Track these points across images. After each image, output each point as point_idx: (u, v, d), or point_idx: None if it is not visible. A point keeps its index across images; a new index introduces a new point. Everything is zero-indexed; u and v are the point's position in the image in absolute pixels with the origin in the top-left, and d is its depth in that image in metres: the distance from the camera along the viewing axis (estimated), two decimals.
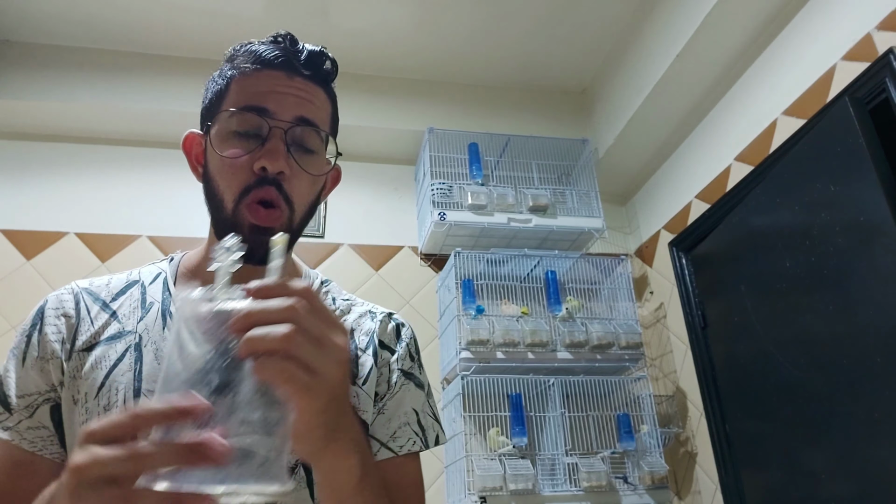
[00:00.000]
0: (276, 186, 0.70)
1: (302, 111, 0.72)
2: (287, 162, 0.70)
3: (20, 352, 0.72)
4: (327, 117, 0.77)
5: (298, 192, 0.72)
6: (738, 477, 1.99)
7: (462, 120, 2.62)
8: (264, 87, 0.72)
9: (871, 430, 1.50)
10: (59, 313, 0.74)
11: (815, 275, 1.69)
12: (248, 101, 0.71)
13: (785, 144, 1.89)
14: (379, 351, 0.81)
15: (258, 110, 0.71)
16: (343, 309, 0.84)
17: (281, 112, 0.71)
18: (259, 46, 0.74)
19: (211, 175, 0.73)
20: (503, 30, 2.49)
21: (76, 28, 2.38)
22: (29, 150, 2.41)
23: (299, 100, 0.73)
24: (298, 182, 0.72)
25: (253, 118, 0.71)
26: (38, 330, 0.73)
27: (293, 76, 0.73)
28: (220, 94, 0.75)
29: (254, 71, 0.73)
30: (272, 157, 0.69)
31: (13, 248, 2.23)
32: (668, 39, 2.18)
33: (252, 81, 0.73)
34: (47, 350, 0.71)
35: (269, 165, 0.69)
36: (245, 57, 0.74)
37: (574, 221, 2.37)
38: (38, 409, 0.69)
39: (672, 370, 2.39)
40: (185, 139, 0.80)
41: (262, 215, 0.69)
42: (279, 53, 0.73)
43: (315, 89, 0.75)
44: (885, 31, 1.61)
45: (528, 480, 1.94)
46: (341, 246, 2.47)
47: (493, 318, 2.15)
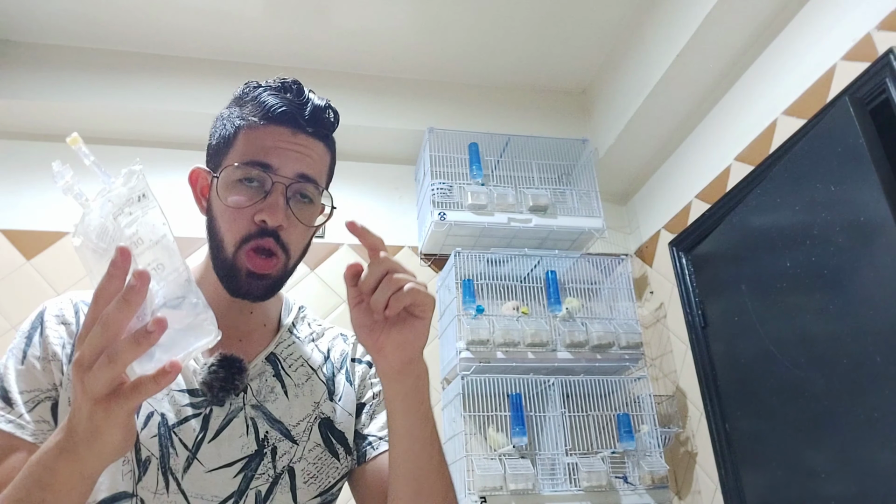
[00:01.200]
0: (274, 237, 0.76)
1: (302, 167, 0.78)
2: (286, 215, 0.76)
3: (20, 350, 0.74)
4: (325, 169, 0.83)
5: (294, 240, 0.79)
6: (738, 477, 1.99)
7: (462, 120, 2.62)
8: (269, 143, 0.77)
9: (871, 429, 1.50)
10: (59, 320, 0.77)
11: (815, 275, 1.69)
12: (254, 156, 0.76)
13: (785, 144, 1.89)
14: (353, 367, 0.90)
15: (262, 166, 0.76)
16: (318, 332, 0.92)
17: (283, 168, 0.76)
18: (267, 97, 0.79)
19: (214, 216, 0.79)
20: (503, 30, 2.49)
21: (76, 28, 2.38)
22: (29, 150, 2.41)
23: (300, 156, 0.78)
24: (295, 231, 0.78)
25: (258, 173, 0.76)
26: (38, 332, 0.75)
27: (297, 133, 0.78)
28: (228, 140, 0.80)
29: (261, 126, 0.78)
30: (273, 211, 0.75)
31: (13, 248, 2.23)
32: (668, 39, 2.18)
33: (258, 135, 0.78)
34: (48, 351, 0.73)
35: (270, 219, 0.75)
36: (253, 108, 0.79)
37: (574, 221, 2.37)
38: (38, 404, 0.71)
39: (672, 370, 2.39)
40: (190, 173, 0.84)
41: (259, 264, 0.76)
42: (285, 109, 0.78)
43: (316, 144, 0.80)
44: (885, 31, 1.61)
45: (528, 480, 1.94)
46: (341, 246, 2.47)
47: (493, 318, 2.15)
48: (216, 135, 0.82)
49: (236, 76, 2.50)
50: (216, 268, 0.79)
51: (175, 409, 0.74)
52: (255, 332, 0.84)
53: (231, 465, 0.74)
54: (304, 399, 0.82)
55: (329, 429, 0.83)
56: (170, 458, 0.72)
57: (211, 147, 0.83)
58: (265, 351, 0.83)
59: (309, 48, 2.52)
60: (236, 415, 0.76)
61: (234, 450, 0.75)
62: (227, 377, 0.75)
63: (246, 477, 0.75)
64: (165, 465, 0.71)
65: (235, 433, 0.76)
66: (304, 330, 0.91)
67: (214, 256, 0.79)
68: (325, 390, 0.85)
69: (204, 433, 0.74)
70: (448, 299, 2.26)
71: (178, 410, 0.74)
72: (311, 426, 0.81)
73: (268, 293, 0.79)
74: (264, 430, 0.77)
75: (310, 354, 0.87)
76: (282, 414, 0.79)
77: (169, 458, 0.72)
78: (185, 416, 0.74)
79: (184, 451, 0.73)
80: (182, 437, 0.73)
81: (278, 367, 0.83)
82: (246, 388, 0.78)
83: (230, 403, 0.77)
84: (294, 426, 0.79)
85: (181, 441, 0.73)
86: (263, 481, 0.75)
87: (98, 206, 0.52)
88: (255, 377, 0.80)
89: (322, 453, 0.81)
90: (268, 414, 0.78)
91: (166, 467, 0.71)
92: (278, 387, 0.81)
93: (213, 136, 0.83)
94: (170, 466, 0.71)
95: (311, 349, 0.88)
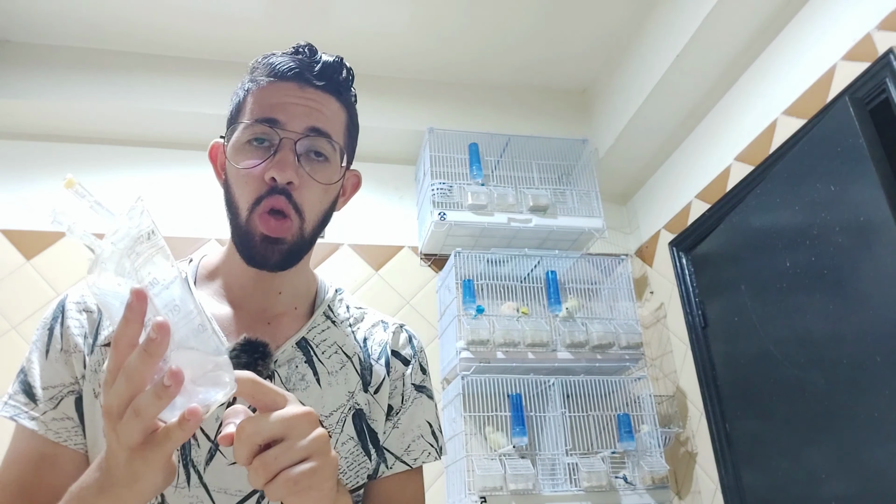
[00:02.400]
0: (285, 196, 0.72)
1: (312, 121, 0.74)
2: (296, 172, 0.72)
3: (43, 344, 0.72)
4: (341, 126, 0.80)
5: (309, 200, 0.75)
6: (738, 477, 1.99)
7: (462, 120, 2.62)
8: (276, 99, 0.74)
9: (871, 429, 1.50)
10: (81, 308, 0.75)
11: (815, 274, 1.69)
12: (261, 114, 0.74)
13: (785, 144, 1.89)
14: (392, 360, 0.84)
15: (269, 121, 0.73)
16: (357, 317, 0.87)
17: (291, 123, 0.73)
18: (276, 59, 0.77)
19: (229, 184, 0.76)
20: (503, 30, 2.49)
21: (76, 28, 2.38)
22: (29, 150, 2.41)
23: (309, 110, 0.75)
24: (308, 191, 0.74)
25: (265, 129, 0.73)
26: (59, 323, 0.73)
27: (305, 87, 0.76)
28: (239, 105, 0.78)
29: (268, 83, 0.76)
30: (281, 167, 0.71)
31: (13, 248, 2.23)
32: (668, 39, 2.18)
33: (266, 93, 0.75)
34: (70, 343, 0.72)
35: (279, 175, 0.71)
36: (262, 69, 0.77)
37: (574, 221, 2.37)
38: (62, 400, 0.70)
39: (672, 370, 2.39)
40: (210, 148, 0.82)
41: (272, 226, 0.72)
42: (293, 66, 0.76)
43: (327, 99, 0.77)
44: (885, 31, 1.61)
45: (529, 480, 1.94)
46: (341, 246, 2.47)
47: (493, 318, 2.15)
48: (230, 106, 0.80)
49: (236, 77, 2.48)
50: (234, 238, 0.76)
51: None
52: (286, 316, 0.80)
53: None
54: (337, 388, 0.77)
55: (364, 422, 0.78)
56: (191, 449, 0.68)
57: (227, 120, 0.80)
58: (296, 336, 0.78)
59: None
60: None
61: None
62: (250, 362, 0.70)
63: None
64: (187, 457, 0.68)
65: None
66: (342, 314, 0.85)
67: (232, 227, 0.76)
68: (359, 380, 0.79)
69: None
70: (448, 299, 2.26)
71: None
72: (346, 417, 0.76)
73: (286, 261, 0.75)
74: None
75: (345, 341, 0.81)
76: (313, 403, 0.74)
77: (190, 449, 0.68)
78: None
79: (206, 442, 0.69)
80: (204, 427, 0.69)
81: (310, 354, 0.77)
82: (272, 375, 0.73)
83: None
84: (326, 417, 0.74)
85: (203, 431, 0.69)
86: None
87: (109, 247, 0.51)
88: (283, 363, 0.75)
89: (355, 448, 0.76)
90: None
91: (188, 459, 0.68)
92: (310, 374, 0.76)
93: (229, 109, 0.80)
94: (191, 458, 0.68)
95: (348, 335, 0.83)
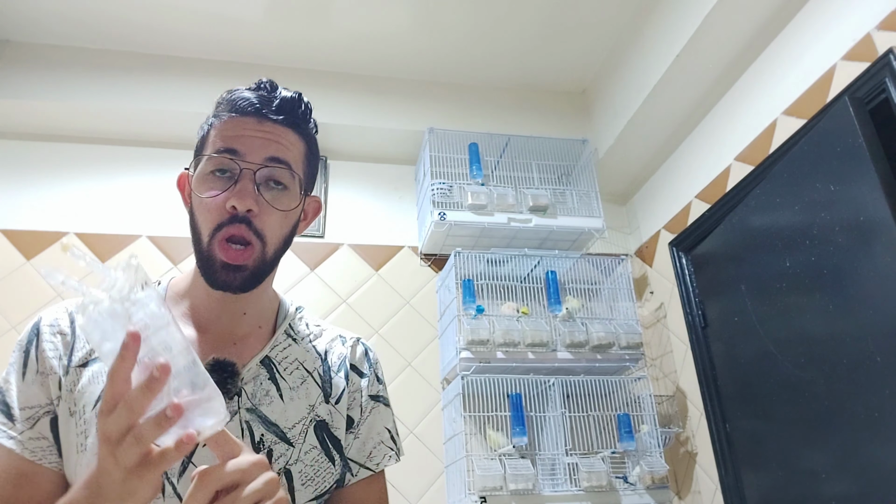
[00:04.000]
0: (246, 223, 0.77)
1: (270, 151, 0.79)
2: (255, 200, 0.77)
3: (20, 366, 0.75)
4: (300, 155, 0.83)
5: (269, 226, 0.79)
6: (738, 477, 1.99)
7: (462, 120, 2.62)
8: (236, 132, 0.79)
9: (871, 429, 1.50)
10: (55, 331, 0.78)
11: (815, 275, 1.69)
12: (222, 145, 0.79)
13: (785, 144, 1.89)
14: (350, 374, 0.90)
15: (230, 152, 0.78)
16: (316, 333, 0.92)
17: (250, 154, 0.78)
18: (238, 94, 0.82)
19: (193, 212, 0.80)
20: (503, 30, 2.49)
21: (76, 28, 2.38)
22: (29, 150, 2.41)
23: (268, 141, 0.79)
24: (269, 217, 0.79)
25: (225, 161, 0.78)
26: (34, 346, 0.76)
27: (263, 121, 0.80)
28: (203, 139, 0.83)
29: (229, 118, 0.80)
30: (241, 196, 0.76)
31: (13, 248, 2.23)
32: (668, 39, 2.18)
33: (227, 127, 0.80)
34: (46, 366, 0.75)
35: (239, 204, 0.75)
36: (225, 105, 0.82)
37: (574, 221, 2.37)
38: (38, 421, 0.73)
39: (672, 370, 2.39)
40: (178, 178, 0.87)
41: (231, 254, 0.77)
42: (253, 101, 0.81)
43: (284, 131, 0.82)
44: (885, 31, 1.61)
45: (529, 480, 1.94)
46: (341, 246, 2.47)
47: (493, 318, 2.15)
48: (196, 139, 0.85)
49: (236, 77, 2.50)
50: (197, 262, 0.80)
51: None
52: (251, 336, 0.85)
53: None
54: (298, 402, 0.82)
55: (325, 432, 0.83)
56: None
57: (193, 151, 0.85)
58: (259, 354, 0.83)
59: (309, 49, 2.52)
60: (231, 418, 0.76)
61: None
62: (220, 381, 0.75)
63: None
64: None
65: None
66: (302, 331, 0.90)
67: (196, 253, 0.80)
68: (320, 393, 0.85)
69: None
70: (448, 299, 2.26)
71: None
72: (307, 428, 0.81)
73: (247, 284, 0.79)
74: (259, 433, 0.77)
75: (305, 357, 0.87)
76: (277, 417, 0.79)
77: None
78: None
79: None
80: None
81: (273, 371, 0.82)
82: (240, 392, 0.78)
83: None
84: (290, 429, 0.80)
85: None
86: None
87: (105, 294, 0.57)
88: (249, 381, 0.80)
89: (319, 455, 0.81)
90: (263, 417, 0.78)
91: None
92: (273, 390, 0.81)
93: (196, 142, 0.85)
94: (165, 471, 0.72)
95: (308, 351, 0.88)
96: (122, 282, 0.57)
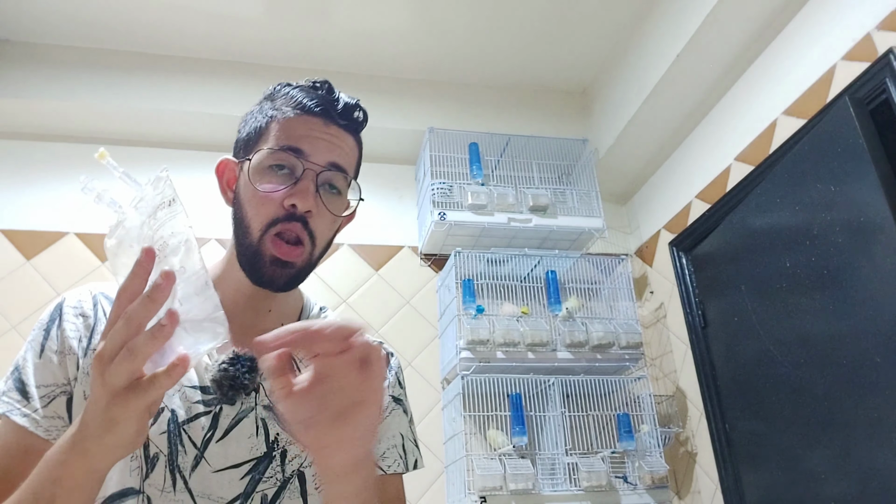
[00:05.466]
0: (302, 223, 0.76)
1: (333, 156, 0.79)
2: (315, 202, 0.77)
3: (38, 344, 0.74)
4: (354, 162, 0.85)
5: (321, 229, 0.79)
6: (738, 477, 1.99)
7: (462, 120, 2.62)
8: (302, 132, 0.79)
9: (871, 429, 1.50)
10: (78, 312, 0.76)
11: (815, 275, 1.69)
12: (287, 142, 0.78)
13: (785, 144, 1.89)
14: None
15: (295, 151, 0.77)
16: None
17: (315, 155, 0.78)
18: (300, 93, 0.81)
19: (241, 203, 0.79)
20: (503, 30, 2.49)
21: (76, 28, 2.38)
22: (29, 150, 2.41)
23: (332, 146, 0.80)
24: (322, 220, 0.79)
25: (289, 157, 0.77)
26: (56, 325, 0.75)
27: (329, 124, 0.81)
28: (260, 131, 0.81)
29: (295, 115, 0.80)
30: (303, 196, 0.75)
31: (13, 248, 2.23)
32: (668, 39, 2.18)
33: (292, 124, 0.79)
34: (66, 345, 0.73)
35: (300, 203, 0.75)
36: (286, 100, 0.81)
37: (574, 221, 2.37)
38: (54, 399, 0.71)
39: (672, 370, 2.39)
40: (218, 164, 0.85)
41: (284, 250, 0.76)
42: (318, 101, 0.80)
43: (347, 137, 0.83)
44: (885, 31, 1.61)
45: (528, 480, 1.94)
46: (341, 246, 2.47)
47: (493, 318, 2.15)
48: (247, 127, 0.83)
49: (237, 76, 2.50)
50: (240, 255, 0.79)
51: (186, 406, 0.73)
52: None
53: (238, 467, 0.73)
54: None
55: None
56: (178, 455, 0.71)
57: (240, 140, 0.83)
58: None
59: (309, 48, 2.52)
60: (246, 415, 0.75)
61: (243, 451, 0.74)
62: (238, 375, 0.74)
63: (253, 479, 0.73)
64: (174, 463, 0.71)
65: (244, 434, 0.74)
66: None
67: (239, 244, 0.79)
68: None
69: (213, 432, 0.73)
70: (448, 299, 2.26)
71: (189, 407, 0.73)
72: None
73: (290, 283, 0.78)
74: (275, 432, 0.76)
75: None
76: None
77: (177, 455, 0.71)
78: (196, 413, 0.73)
79: (192, 449, 0.72)
80: (191, 435, 0.72)
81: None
82: (258, 388, 0.76)
83: (241, 403, 0.75)
84: None
85: (190, 439, 0.72)
86: (271, 485, 0.74)
87: (134, 212, 0.55)
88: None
89: None
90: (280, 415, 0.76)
91: (174, 465, 0.71)
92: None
93: (243, 130, 0.83)
94: (178, 464, 0.71)
95: None
96: (150, 197, 0.55)
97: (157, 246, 0.52)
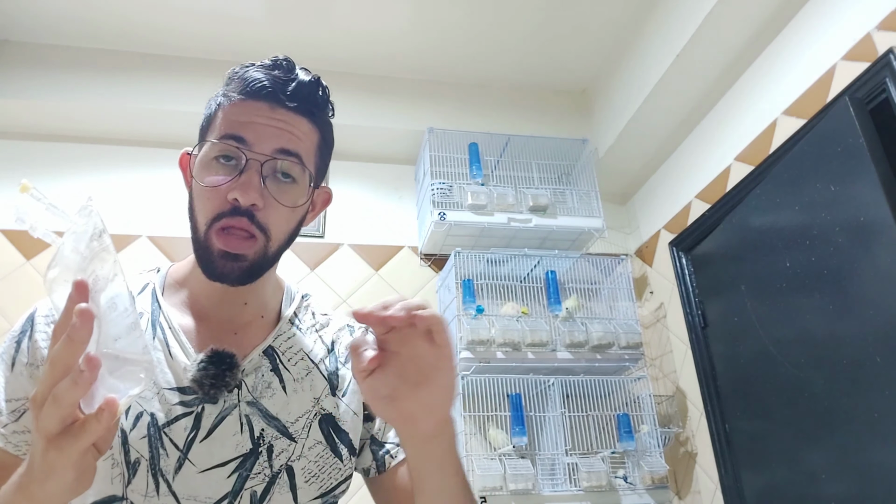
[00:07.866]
0: (248, 217, 0.71)
1: (281, 143, 0.73)
2: (260, 194, 0.71)
3: (9, 357, 0.72)
4: (312, 146, 0.77)
5: (275, 221, 0.74)
6: (738, 477, 1.99)
7: (462, 120, 2.62)
8: (245, 118, 0.73)
9: (871, 429, 1.50)
10: (50, 321, 0.74)
11: (815, 275, 1.69)
12: (229, 130, 0.73)
13: (785, 144, 1.89)
14: None
15: (237, 139, 0.72)
16: (322, 323, 0.87)
17: (259, 144, 0.72)
18: (252, 73, 0.75)
19: (192, 197, 0.76)
20: (503, 30, 2.49)
21: (76, 28, 2.38)
22: (29, 150, 2.41)
23: (279, 131, 0.73)
24: (274, 212, 0.73)
25: (231, 148, 0.72)
26: (27, 336, 0.73)
27: (276, 107, 0.74)
28: (209, 119, 0.77)
29: (239, 100, 0.74)
30: (245, 189, 0.70)
31: (13, 248, 2.23)
32: (668, 39, 2.18)
33: (236, 110, 0.74)
34: (37, 356, 0.72)
35: (242, 198, 0.70)
36: (235, 84, 0.76)
37: (574, 221, 2.37)
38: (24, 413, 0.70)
39: (672, 370, 2.39)
40: (180, 158, 0.82)
41: (233, 243, 0.71)
42: (266, 84, 0.74)
43: (298, 120, 0.75)
44: (885, 31, 1.61)
45: (528, 480, 1.94)
46: (341, 246, 2.47)
47: (493, 318, 2.15)
48: (203, 116, 0.79)
49: None
50: (194, 251, 0.75)
51: (165, 409, 0.71)
52: (252, 325, 0.80)
53: (224, 465, 0.72)
54: (303, 395, 0.78)
55: (332, 426, 0.79)
56: (160, 459, 0.69)
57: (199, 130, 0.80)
58: (262, 344, 0.78)
59: (309, 48, 2.52)
60: (230, 412, 0.73)
61: (228, 449, 0.72)
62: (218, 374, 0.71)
63: (240, 477, 0.72)
64: (156, 467, 0.69)
65: (228, 431, 0.73)
66: (307, 320, 0.86)
67: (193, 240, 0.75)
68: (326, 385, 0.80)
69: (195, 432, 0.71)
70: (448, 299, 2.26)
71: (169, 409, 0.71)
72: (311, 422, 0.77)
73: (245, 276, 0.74)
74: (259, 428, 0.74)
75: (311, 347, 0.82)
76: (279, 410, 0.75)
77: (159, 459, 0.69)
78: (176, 416, 0.71)
79: (175, 452, 0.70)
80: (173, 437, 0.70)
81: (276, 361, 0.78)
82: (240, 385, 0.75)
83: (224, 401, 0.73)
84: (292, 423, 0.76)
85: (171, 441, 0.70)
86: (259, 481, 0.73)
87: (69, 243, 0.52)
88: (250, 372, 0.76)
89: (324, 451, 0.77)
90: (263, 410, 0.75)
91: (156, 469, 0.69)
92: (276, 382, 0.77)
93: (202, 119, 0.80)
94: (160, 468, 0.69)
95: (314, 341, 0.83)
96: (81, 228, 0.53)
97: (89, 280, 0.50)
